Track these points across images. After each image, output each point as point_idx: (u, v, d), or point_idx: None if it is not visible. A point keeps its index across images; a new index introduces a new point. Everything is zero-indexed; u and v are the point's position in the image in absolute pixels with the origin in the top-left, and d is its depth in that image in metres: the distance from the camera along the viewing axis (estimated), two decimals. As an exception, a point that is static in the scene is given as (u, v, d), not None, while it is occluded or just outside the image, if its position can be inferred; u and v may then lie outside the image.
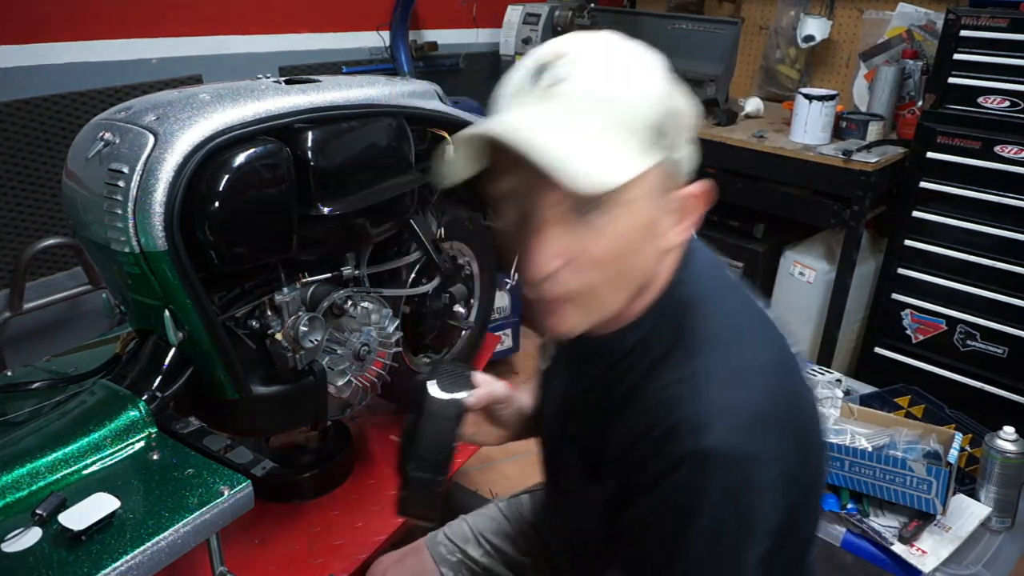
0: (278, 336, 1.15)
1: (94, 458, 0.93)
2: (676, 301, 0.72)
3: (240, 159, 1.01)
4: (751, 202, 2.46)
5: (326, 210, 1.12)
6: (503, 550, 1.11)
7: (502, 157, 0.66)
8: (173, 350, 1.06)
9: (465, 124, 1.43)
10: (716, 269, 0.78)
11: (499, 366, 2.69)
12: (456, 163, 0.69)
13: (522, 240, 0.67)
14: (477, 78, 3.05)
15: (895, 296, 2.25)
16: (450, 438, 0.82)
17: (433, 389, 0.84)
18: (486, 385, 0.91)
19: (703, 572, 0.68)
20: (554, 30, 2.80)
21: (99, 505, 0.84)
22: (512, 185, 0.67)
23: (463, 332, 1.62)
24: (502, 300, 2.74)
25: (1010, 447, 1.38)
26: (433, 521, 0.89)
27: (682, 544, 0.67)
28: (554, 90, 0.67)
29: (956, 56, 1.99)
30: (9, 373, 1.32)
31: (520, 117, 0.68)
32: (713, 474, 0.64)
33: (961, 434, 1.44)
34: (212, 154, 0.99)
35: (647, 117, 0.65)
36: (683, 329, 0.71)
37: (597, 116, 0.65)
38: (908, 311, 2.23)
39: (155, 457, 0.96)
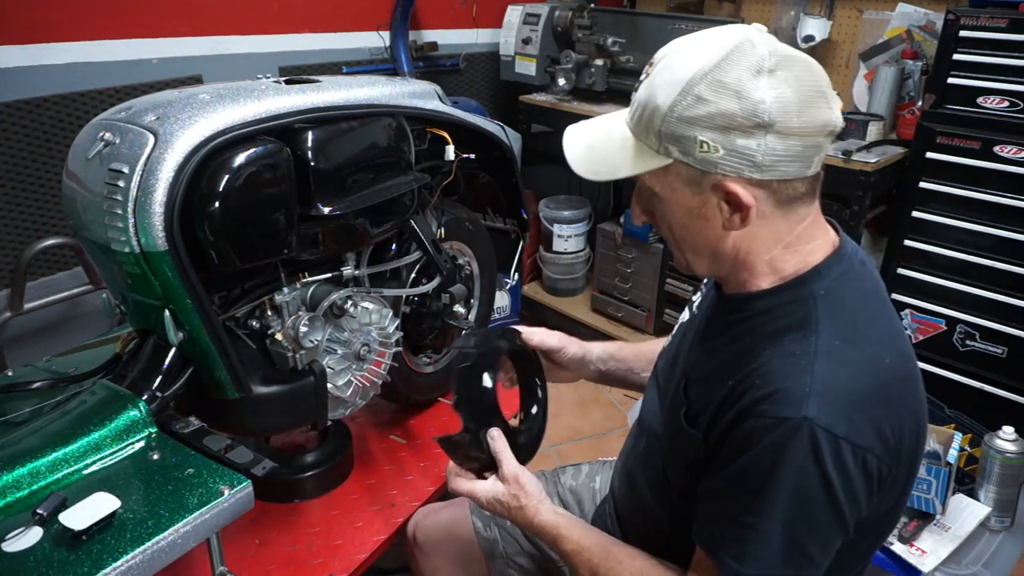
0: (278, 336, 1.15)
1: (94, 458, 0.93)
2: (811, 289, 0.81)
3: (240, 159, 1.01)
4: (751, 202, 2.46)
5: (326, 210, 1.12)
6: None
7: None
8: (173, 350, 1.06)
9: (465, 124, 1.43)
10: (863, 278, 0.84)
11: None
12: None
13: None
14: (477, 78, 3.05)
15: (895, 296, 2.25)
16: (480, 389, 1.01)
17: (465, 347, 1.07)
18: (537, 336, 1.15)
19: (783, 532, 0.74)
20: (554, 30, 2.80)
21: (99, 505, 0.84)
22: None
23: (463, 332, 1.62)
24: (502, 300, 2.74)
25: (1009, 447, 1.39)
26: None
27: (767, 500, 0.74)
28: (634, 94, 0.83)
29: (956, 56, 2.00)
30: (9, 373, 1.32)
31: (590, 121, 0.92)
32: (806, 441, 0.71)
33: (960, 434, 1.44)
34: (212, 154, 0.99)
35: (658, 127, 0.77)
36: (811, 314, 0.79)
37: (632, 120, 0.82)
38: (908, 311, 2.23)
39: (155, 457, 0.96)
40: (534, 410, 1.13)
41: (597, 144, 0.87)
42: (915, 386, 0.82)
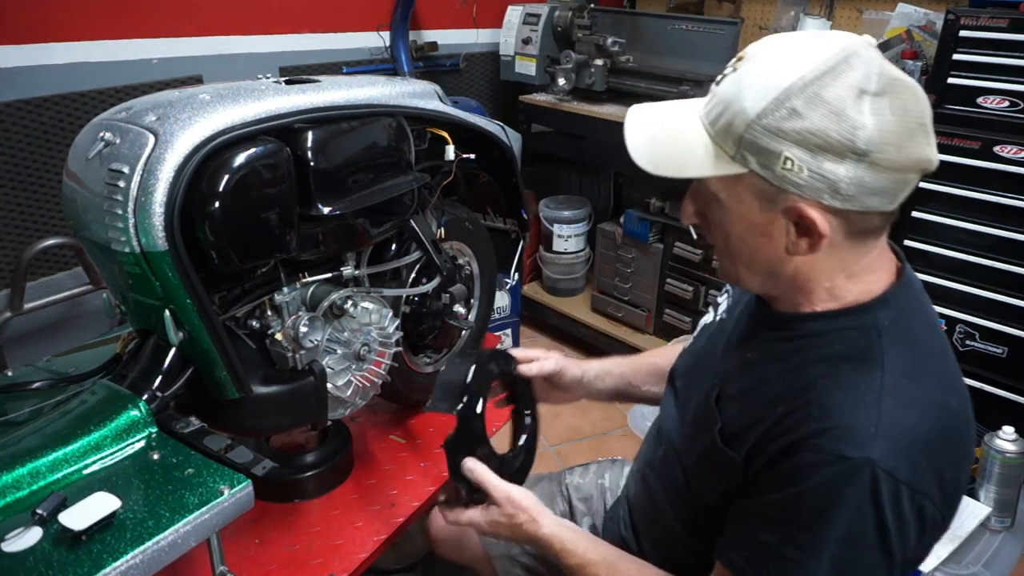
0: (278, 336, 1.15)
1: (94, 458, 0.93)
2: (875, 318, 0.76)
3: (240, 159, 1.01)
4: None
5: (326, 210, 1.12)
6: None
7: None
8: (173, 350, 1.06)
9: (465, 124, 1.43)
10: (924, 311, 0.81)
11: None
12: None
13: None
14: (477, 78, 3.05)
15: (895, 296, 2.25)
16: (457, 384, 1.04)
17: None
18: (535, 366, 1.13)
19: (828, 571, 0.70)
20: (554, 30, 2.80)
21: (99, 505, 0.84)
22: None
23: (463, 332, 1.62)
24: (502, 300, 2.75)
25: (1010, 447, 1.39)
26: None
27: (816, 537, 0.70)
28: (715, 87, 0.76)
29: (955, 56, 2.00)
30: (9, 373, 1.32)
31: (660, 106, 0.82)
32: (867, 483, 0.68)
33: (961, 434, 1.44)
34: (212, 154, 0.99)
35: (739, 132, 0.71)
36: (874, 346, 0.74)
37: (710, 117, 0.75)
38: (908, 311, 2.23)
39: (155, 457, 0.96)
40: (522, 439, 1.14)
41: (663, 137, 0.79)
42: (972, 429, 0.79)
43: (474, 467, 0.99)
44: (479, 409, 1.03)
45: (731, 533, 0.80)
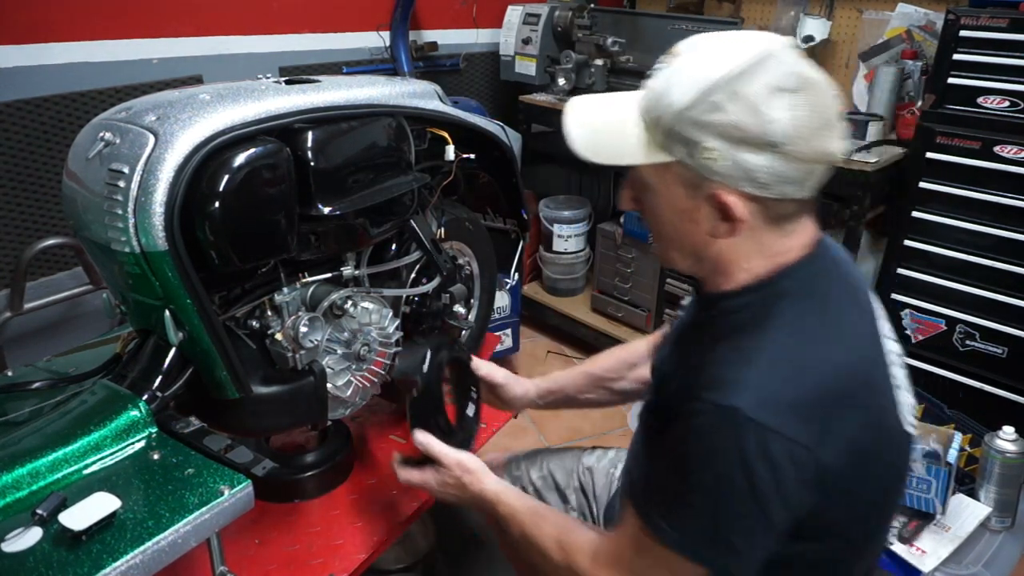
0: (278, 336, 1.15)
1: (94, 458, 0.93)
2: (775, 289, 0.82)
3: (240, 159, 1.01)
4: (751, 202, 2.46)
5: (326, 210, 1.12)
6: (556, 480, 1.34)
7: None
8: (173, 350, 1.06)
9: (465, 124, 1.43)
10: (838, 279, 0.85)
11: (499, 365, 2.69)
12: None
13: None
14: (477, 78, 3.05)
15: (895, 296, 2.25)
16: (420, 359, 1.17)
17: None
18: (484, 368, 1.28)
19: (708, 513, 0.76)
20: (554, 30, 2.80)
21: (99, 505, 0.84)
22: None
23: (463, 332, 1.62)
24: (502, 300, 2.74)
25: (1010, 447, 1.39)
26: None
27: (695, 479, 0.76)
28: (649, 82, 0.81)
29: (956, 56, 2.00)
30: (9, 373, 1.32)
31: (599, 98, 0.90)
32: (731, 430, 0.73)
33: (961, 434, 1.44)
34: (212, 154, 0.99)
35: (668, 123, 0.77)
36: (772, 310, 0.80)
37: (642, 109, 0.81)
38: (908, 311, 2.23)
39: (155, 457, 0.96)
40: (470, 411, 1.26)
41: (602, 127, 0.86)
42: (871, 390, 0.81)
43: (424, 439, 1.10)
44: (438, 378, 1.18)
45: (639, 476, 0.89)
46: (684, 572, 0.79)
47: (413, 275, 1.43)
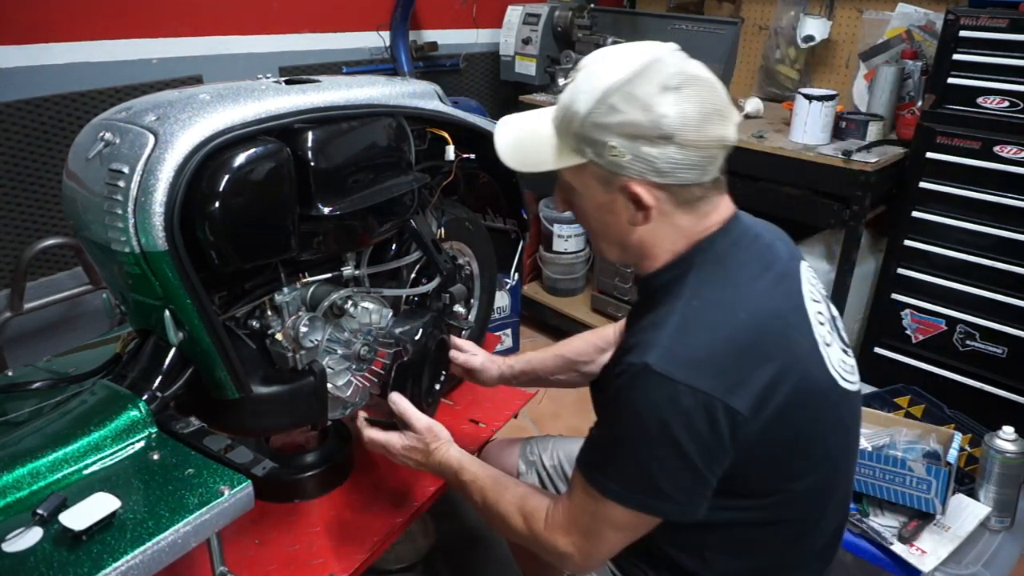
0: (278, 336, 1.15)
1: (94, 458, 0.93)
2: (689, 262, 0.91)
3: (240, 159, 1.01)
4: (751, 202, 2.42)
5: (326, 210, 1.12)
6: (564, 471, 1.36)
7: None
8: (173, 350, 1.06)
9: (465, 124, 1.44)
10: (750, 248, 0.93)
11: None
12: None
13: None
14: (477, 78, 3.05)
15: (895, 296, 2.25)
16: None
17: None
18: (463, 356, 1.34)
19: (636, 462, 0.85)
20: (554, 30, 2.80)
21: (99, 505, 0.84)
22: None
23: (463, 332, 1.62)
24: (502, 300, 2.75)
25: (1009, 447, 1.39)
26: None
27: (620, 434, 0.86)
28: (560, 95, 0.91)
29: (955, 56, 1.99)
30: (9, 373, 1.32)
31: (522, 115, 1.01)
32: (643, 385, 0.82)
33: (960, 434, 1.44)
34: (212, 154, 0.99)
35: (576, 129, 0.87)
36: (685, 279, 0.90)
37: (555, 120, 0.92)
38: (908, 311, 2.23)
39: (155, 457, 0.96)
40: (437, 387, 1.34)
41: (525, 138, 0.97)
42: (783, 346, 0.87)
43: (399, 400, 1.17)
44: (425, 350, 1.27)
45: (584, 441, 0.96)
46: (625, 521, 0.88)
47: (413, 275, 1.43)
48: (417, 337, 1.26)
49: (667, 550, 0.98)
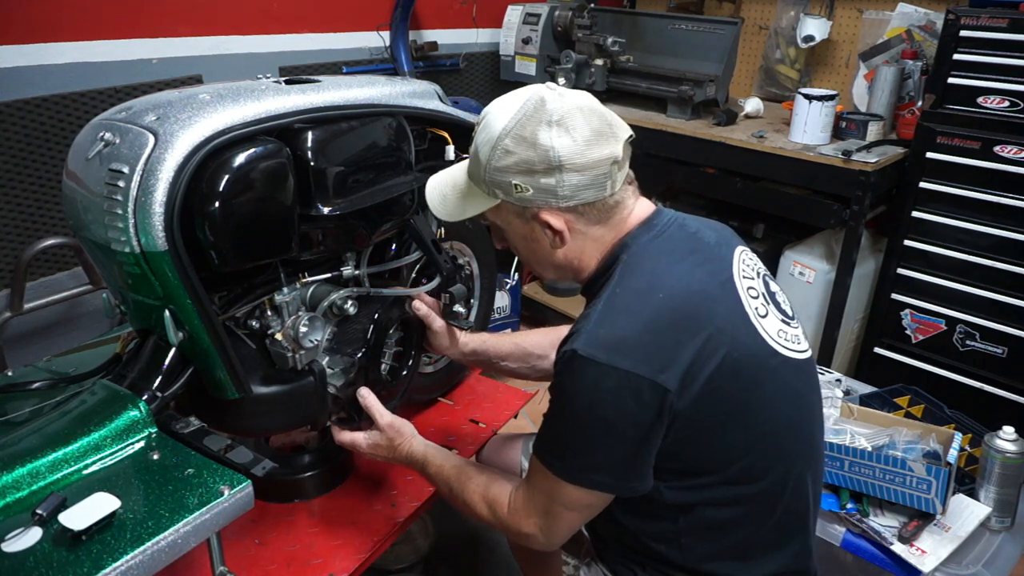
0: (278, 336, 1.15)
1: (94, 458, 0.94)
2: (618, 257, 0.98)
3: (240, 159, 1.01)
4: (751, 202, 2.46)
5: (326, 210, 1.12)
6: None
7: None
8: (173, 350, 1.06)
9: (465, 124, 1.44)
10: (672, 239, 0.99)
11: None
12: None
13: None
14: (477, 78, 3.05)
15: (895, 296, 2.25)
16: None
17: None
18: (423, 309, 1.34)
19: (577, 442, 0.91)
20: (554, 30, 2.80)
21: (99, 505, 0.84)
22: None
23: (462, 332, 1.62)
24: (502, 300, 2.74)
25: (1010, 447, 1.39)
26: None
27: (559, 417, 0.94)
28: (471, 149, 1.00)
29: (956, 56, 1.99)
30: (9, 373, 1.32)
31: (443, 172, 1.10)
32: (572, 369, 0.89)
33: (961, 434, 1.44)
34: (212, 154, 0.99)
35: (484, 176, 0.96)
36: (612, 273, 0.97)
37: (469, 171, 1.02)
38: (908, 311, 2.23)
39: (155, 457, 0.96)
40: (404, 372, 1.38)
41: (449, 192, 1.06)
42: (708, 321, 0.91)
43: (367, 395, 1.22)
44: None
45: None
46: (578, 499, 0.95)
47: (413, 275, 1.43)
48: (376, 317, 1.27)
49: (648, 543, 1.02)
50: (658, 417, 0.89)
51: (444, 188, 1.07)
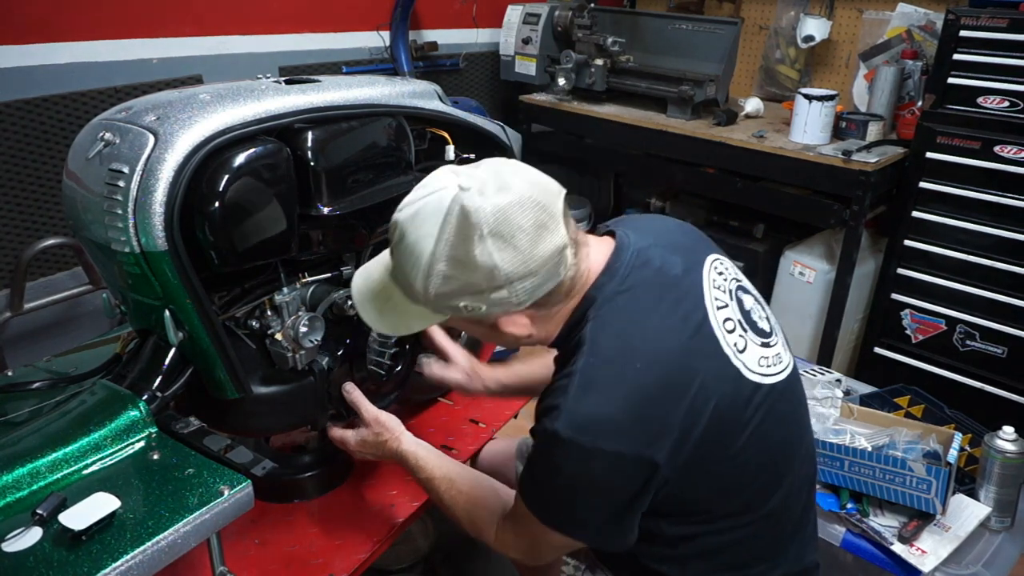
0: (278, 336, 1.15)
1: (94, 458, 0.93)
2: (586, 315, 0.91)
3: (240, 159, 1.01)
4: (751, 202, 2.46)
5: (326, 210, 1.12)
6: None
7: None
8: (173, 350, 1.06)
9: (465, 124, 1.44)
10: (636, 283, 0.91)
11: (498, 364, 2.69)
12: None
13: None
14: (477, 78, 3.05)
15: (895, 296, 2.25)
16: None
17: None
18: (439, 371, 1.34)
19: (557, 503, 0.91)
20: (554, 30, 2.80)
21: (99, 505, 0.84)
22: None
23: (462, 332, 1.62)
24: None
25: (1009, 447, 1.39)
26: None
27: (541, 475, 0.92)
28: (390, 255, 0.92)
29: (956, 56, 2.00)
30: (9, 373, 1.32)
31: (371, 283, 0.97)
32: (556, 450, 0.86)
33: (961, 434, 1.44)
34: (212, 154, 0.99)
35: (425, 301, 0.87)
36: (583, 338, 0.90)
37: (401, 288, 0.90)
38: (908, 311, 2.23)
39: (155, 457, 0.96)
40: (397, 368, 1.32)
41: (387, 311, 0.95)
42: (691, 374, 0.87)
43: (352, 390, 1.19)
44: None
45: (525, 464, 1.00)
46: (562, 542, 0.95)
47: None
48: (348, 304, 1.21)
49: (648, 564, 1.02)
50: (645, 486, 0.87)
51: (378, 305, 0.96)
